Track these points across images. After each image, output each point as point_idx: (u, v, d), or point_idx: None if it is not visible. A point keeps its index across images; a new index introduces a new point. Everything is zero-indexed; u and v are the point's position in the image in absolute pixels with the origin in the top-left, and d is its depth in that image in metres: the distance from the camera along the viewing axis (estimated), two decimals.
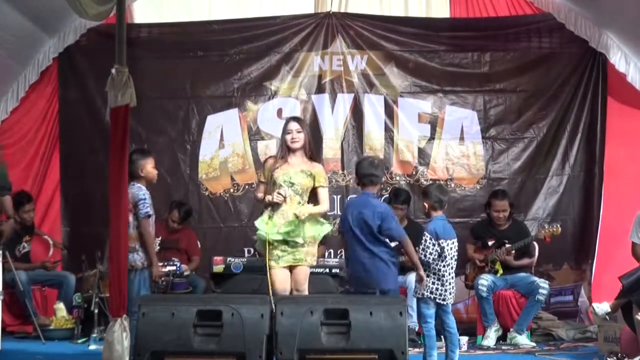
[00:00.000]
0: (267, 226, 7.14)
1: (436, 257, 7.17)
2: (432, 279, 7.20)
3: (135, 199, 7.35)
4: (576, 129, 10.37)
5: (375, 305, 5.84)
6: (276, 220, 7.15)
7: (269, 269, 7.09)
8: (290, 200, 7.19)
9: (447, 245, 7.21)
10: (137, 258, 7.35)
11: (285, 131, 7.40)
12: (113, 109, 6.37)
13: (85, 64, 10.33)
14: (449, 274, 7.23)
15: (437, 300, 7.18)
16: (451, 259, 7.25)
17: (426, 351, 7.21)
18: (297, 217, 7.09)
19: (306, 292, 7.14)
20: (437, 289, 7.18)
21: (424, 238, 7.22)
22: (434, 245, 7.17)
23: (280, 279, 7.11)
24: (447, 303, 7.24)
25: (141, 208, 7.36)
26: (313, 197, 7.35)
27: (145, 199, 7.38)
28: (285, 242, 7.12)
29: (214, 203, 10.41)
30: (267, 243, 7.10)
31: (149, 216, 7.30)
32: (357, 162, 8.05)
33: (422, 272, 7.12)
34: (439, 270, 7.19)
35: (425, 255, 7.15)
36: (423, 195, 7.60)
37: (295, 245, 7.12)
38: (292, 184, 7.22)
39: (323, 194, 7.38)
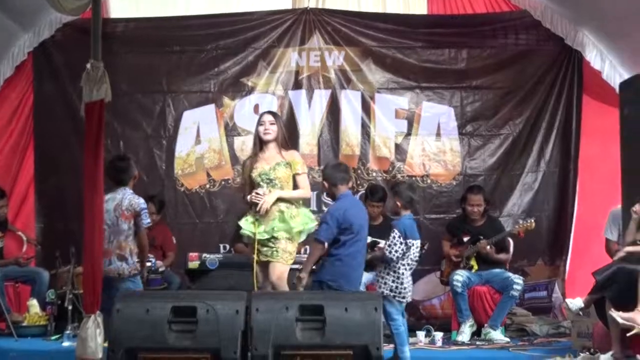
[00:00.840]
0: (254, 226, 7.16)
1: (401, 255, 7.21)
2: (392, 277, 7.24)
3: (136, 207, 7.41)
4: (552, 125, 10.44)
5: (351, 301, 5.84)
6: (262, 219, 7.18)
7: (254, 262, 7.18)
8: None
9: (414, 245, 7.27)
10: (126, 267, 7.39)
11: (258, 123, 7.44)
12: (88, 104, 6.35)
13: (60, 59, 10.29)
14: (408, 274, 7.30)
15: (397, 299, 7.23)
16: (413, 260, 7.32)
17: (397, 348, 7.25)
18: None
19: (284, 288, 7.17)
20: (396, 287, 7.23)
21: (392, 235, 7.26)
22: (401, 243, 7.21)
23: (260, 274, 7.16)
24: (404, 302, 7.31)
25: (144, 218, 7.45)
26: (295, 187, 7.39)
27: (146, 208, 7.46)
28: (268, 238, 7.16)
29: (189, 199, 10.40)
30: (255, 242, 7.15)
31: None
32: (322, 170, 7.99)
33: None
34: (399, 268, 7.24)
35: (390, 252, 7.18)
36: (394, 193, 7.62)
37: (277, 240, 7.14)
38: (271, 180, 7.23)
39: (302, 181, 7.40)
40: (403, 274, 7.25)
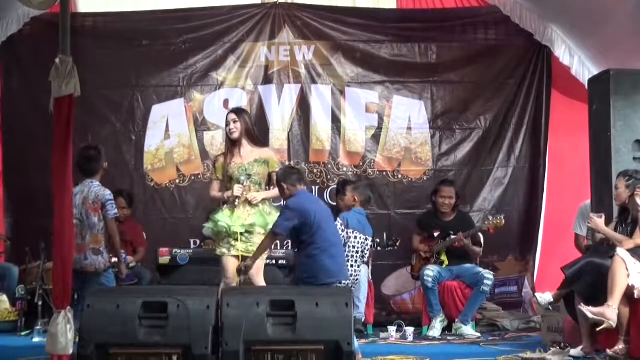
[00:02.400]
0: (230, 219, 7.17)
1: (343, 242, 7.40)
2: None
3: (102, 199, 7.40)
4: (521, 120, 10.52)
5: (322, 296, 5.86)
6: (238, 212, 7.20)
7: (221, 256, 7.22)
8: (250, 192, 7.26)
9: (354, 235, 7.43)
10: (101, 261, 7.38)
11: (225, 123, 7.50)
12: (57, 99, 6.33)
13: (28, 54, 10.22)
14: (355, 265, 7.43)
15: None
16: (355, 251, 7.45)
17: None
18: (249, 202, 7.17)
19: (261, 282, 7.21)
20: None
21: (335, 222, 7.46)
22: (342, 231, 7.38)
23: (231, 267, 7.17)
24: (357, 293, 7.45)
25: (109, 209, 7.42)
26: (269, 183, 7.45)
27: (112, 199, 7.46)
28: (241, 232, 7.18)
29: (159, 194, 10.39)
30: (228, 234, 7.16)
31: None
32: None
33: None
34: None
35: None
36: (354, 189, 7.84)
37: (251, 234, 7.17)
38: (250, 176, 7.28)
39: None
40: (348, 261, 7.44)
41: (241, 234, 7.17)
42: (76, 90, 6.33)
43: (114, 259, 7.80)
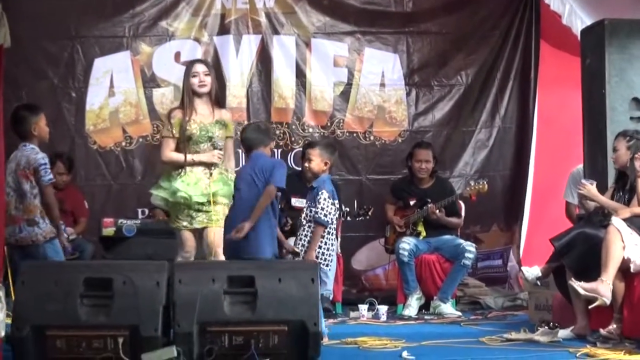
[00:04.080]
0: (190, 187, 7.12)
1: (335, 218, 7.40)
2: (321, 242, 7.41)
3: (34, 163, 7.31)
4: (507, 76, 10.53)
5: (285, 271, 5.87)
6: (199, 180, 7.14)
7: (178, 230, 7.18)
8: (213, 157, 7.21)
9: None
10: (39, 232, 7.32)
11: (190, 74, 7.34)
12: None
13: None
14: (330, 240, 7.49)
15: (321, 266, 7.35)
16: (333, 223, 7.51)
17: None
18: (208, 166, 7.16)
19: (221, 256, 7.19)
20: (322, 254, 7.37)
21: (322, 197, 7.42)
22: (332, 204, 7.40)
23: (192, 242, 7.16)
24: (329, 269, 7.45)
25: (43, 174, 7.34)
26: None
27: (46, 163, 7.37)
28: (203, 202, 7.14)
29: (103, 158, 10.32)
30: (188, 206, 7.13)
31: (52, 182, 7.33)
32: (241, 130, 8.11)
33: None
34: (327, 233, 7.41)
35: (326, 216, 7.35)
36: (321, 151, 7.82)
37: (214, 204, 7.14)
38: (211, 138, 7.21)
39: (231, 146, 7.45)
40: (329, 239, 7.44)
41: (202, 204, 7.12)
42: (6, 40, 6.26)
43: None
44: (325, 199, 7.69)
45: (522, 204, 10.47)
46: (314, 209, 7.85)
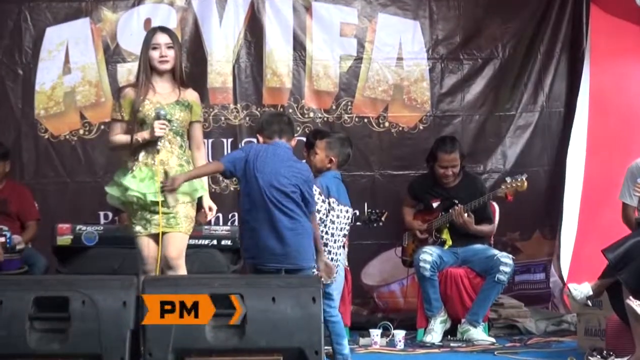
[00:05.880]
0: (143, 184, 7.19)
1: (324, 217, 7.45)
2: None
3: None
4: (552, 47, 10.55)
5: (279, 288, 5.91)
6: (154, 175, 7.18)
7: (135, 236, 7.25)
8: (170, 144, 7.27)
9: (339, 208, 7.51)
10: None
11: (148, 45, 7.42)
12: None
13: None
14: (335, 247, 7.54)
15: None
16: (340, 229, 7.54)
17: (334, 340, 7.45)
18: (166, 176, 7.16)
19: (183, 269, 7.25)
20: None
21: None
22: (323, 202, 7.44)
23: (148, 251, 7.23)
24: (330, 281, 7.51)
25: None
26: (190, 136, 7.49)
27: None
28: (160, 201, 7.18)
29: (56, 150, 10.36)
30: (142, 206, 7.20)
31: None
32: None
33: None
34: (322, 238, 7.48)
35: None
36: (334, 144, 7.81)
37: (173, 205, 7.19)
38: (170, 121, 7.25)
39: (199, 133, 7.56)
40: (327, 244, 7.50)
41: (157, 203, 7.17)
42: None
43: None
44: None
45: (562, 205, 10.45)
46: None
